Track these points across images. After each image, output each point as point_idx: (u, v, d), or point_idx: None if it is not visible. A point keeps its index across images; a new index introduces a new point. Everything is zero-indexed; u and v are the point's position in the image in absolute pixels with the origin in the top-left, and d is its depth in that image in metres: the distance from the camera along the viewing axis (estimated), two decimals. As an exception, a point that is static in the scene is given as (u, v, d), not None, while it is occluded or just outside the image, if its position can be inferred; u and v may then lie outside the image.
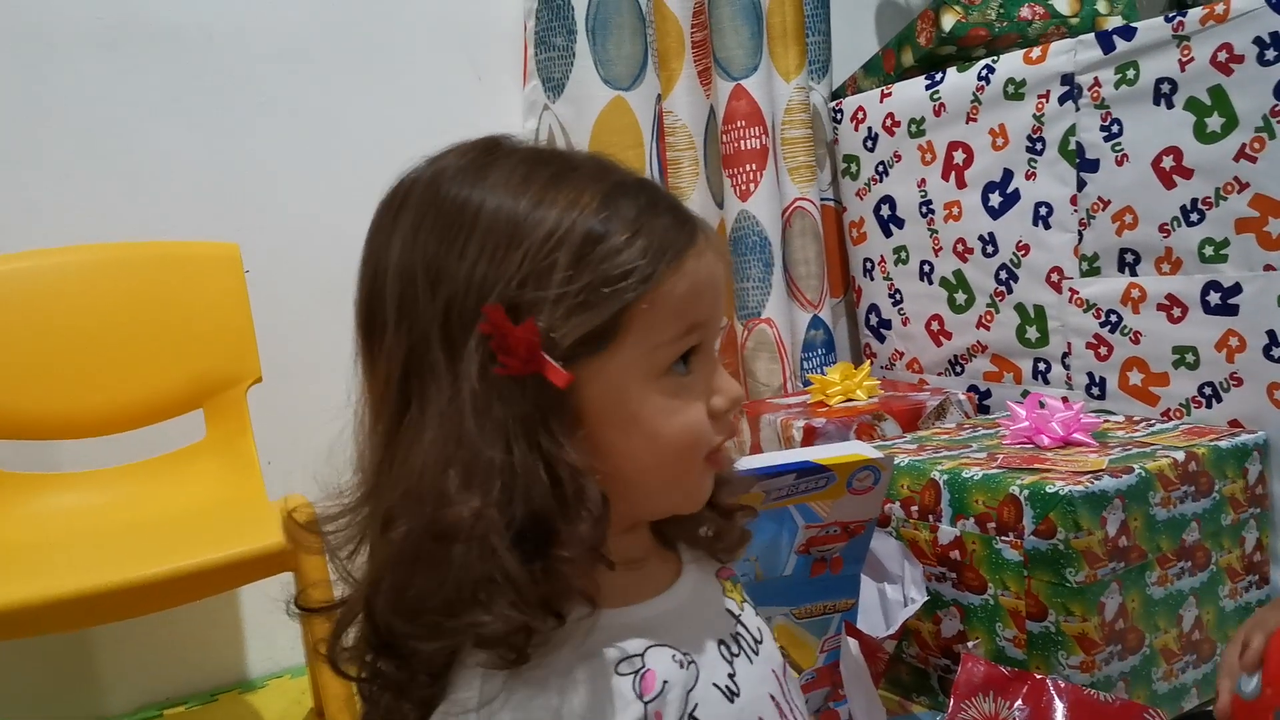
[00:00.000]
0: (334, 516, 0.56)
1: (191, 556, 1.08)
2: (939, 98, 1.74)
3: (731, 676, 0.59)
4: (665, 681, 0.54)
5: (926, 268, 1.84)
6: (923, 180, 1.81)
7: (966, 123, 1.70)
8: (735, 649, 0.61)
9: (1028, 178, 1.62)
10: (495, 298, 0.51)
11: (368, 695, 0.57)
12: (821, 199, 2.03)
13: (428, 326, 0.52)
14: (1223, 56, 1.33)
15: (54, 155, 1.51)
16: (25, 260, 1.40)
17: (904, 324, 1.92)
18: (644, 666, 0.54)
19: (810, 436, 1.55)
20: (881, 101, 1.87)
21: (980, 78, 1.66)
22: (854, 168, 1.96)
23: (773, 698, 0.61)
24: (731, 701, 0.58)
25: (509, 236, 0.52)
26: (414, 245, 0.54)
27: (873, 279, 1.98)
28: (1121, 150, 1.48)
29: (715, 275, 0.57)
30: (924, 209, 1.82)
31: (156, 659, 1.59)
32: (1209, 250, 1.39)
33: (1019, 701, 1.10)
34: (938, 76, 1.75)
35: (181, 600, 1.15)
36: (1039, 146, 1.60)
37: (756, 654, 0.62)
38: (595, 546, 0.52)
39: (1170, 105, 1.41)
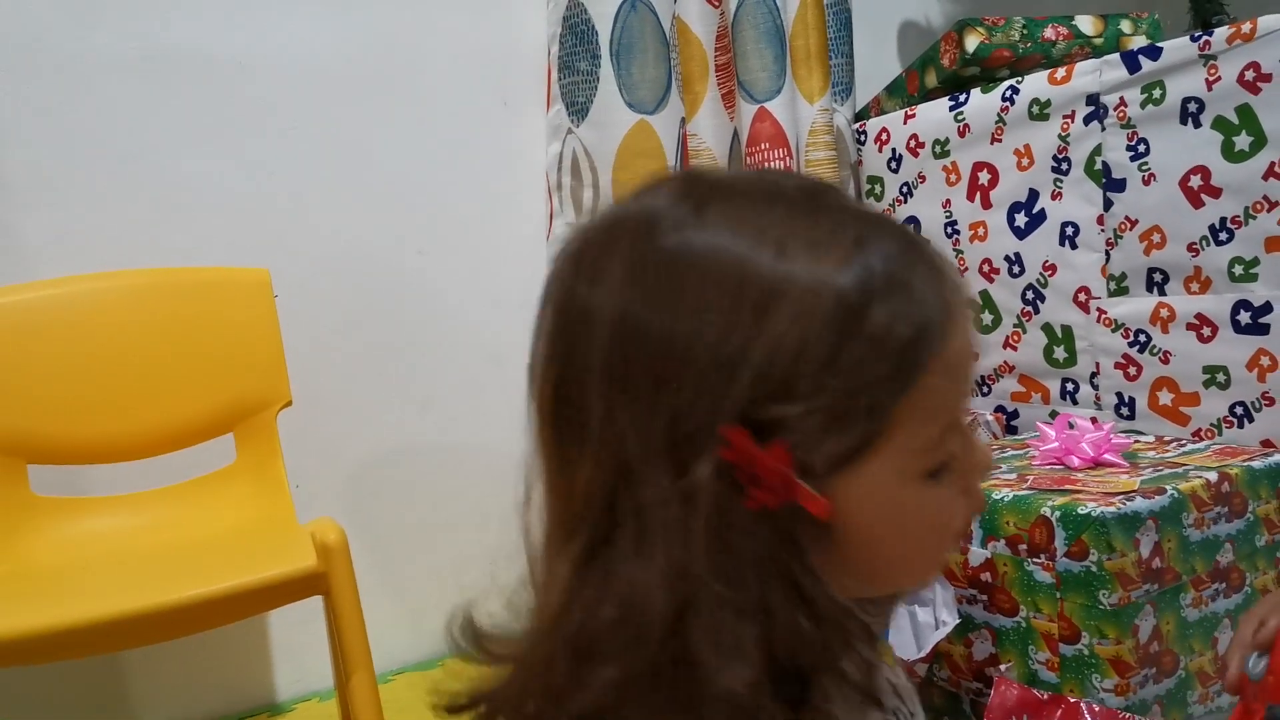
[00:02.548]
0: (507, 653, 0.49)
1: (223, 580, 1.08)
2: (963, 118, 1.74)
3: None
4: None
5: (952, 288, 1.84)
6: (947, 201, 1.81)
7: (991, 143, 1.70)
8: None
9: (1054, 198, 1.62)
10: (735, 414, 0.42)
11: None
12: (845, 220, 2.03)
13: (648, 437, 0.43)
14: (1250, 75, 1.33)
15: (87, 182, 1.53)
16: (58, 287, 1.42)
17: (930, 345, 1.92)
18: None
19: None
20: (905, 123, 1.87)
21: (1004, 98, 1.66)
22: (878, 189, 1.96)
23: None
24: None
25: (746, 331, 0.43)
26: (625, 329, 0.44)
27: (898, 300, 1.97)
28: (1148, 169, 1.47)
29: (971, 340, 0.48)
30: (949, 230, 1.82)
31: (186, 682, 1.60)
32: (1239, 269, 1.39)
33: (1053, 725, 1.09)
34: (961, 97, 1.75)
35: (213, 624, 1.16)
36: (1064, 166, 1.59)
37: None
38: (870, 676, 0.45)
39: (1198, 124, 1.40)
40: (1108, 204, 1.54)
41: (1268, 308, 1.36)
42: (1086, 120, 1.55)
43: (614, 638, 0.43)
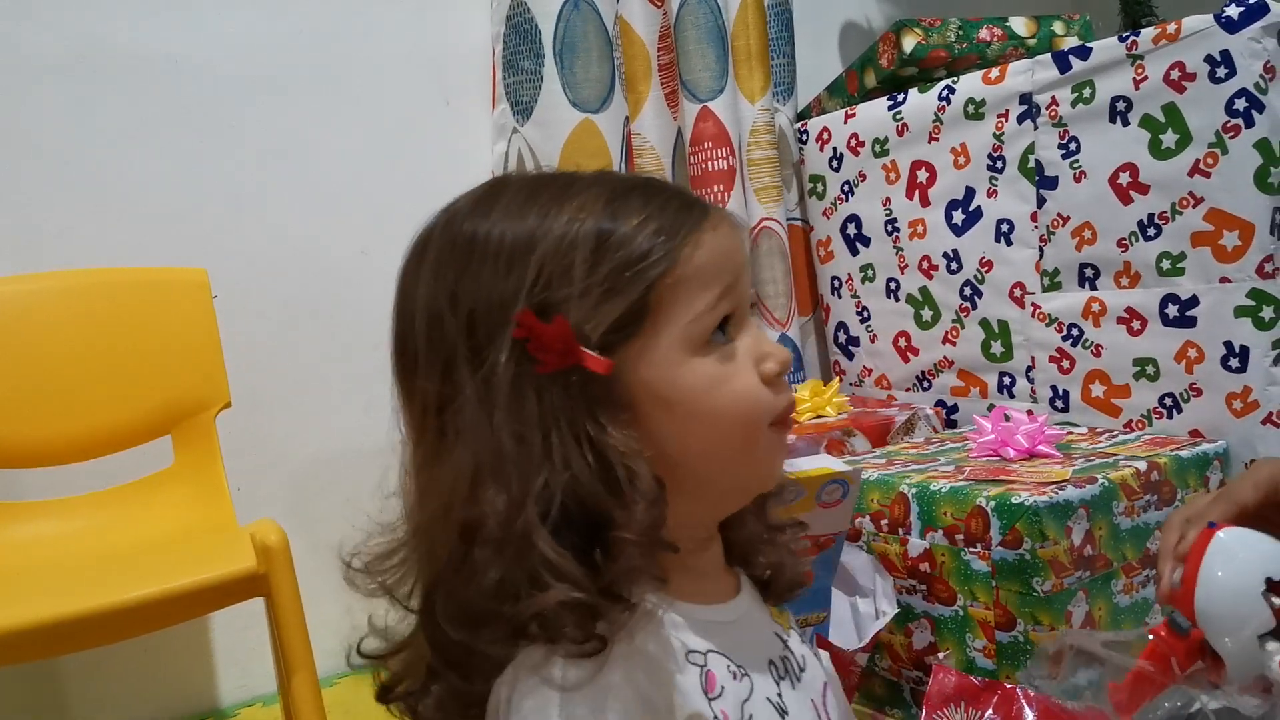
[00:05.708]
0: (386, 554, 0.58)
1: (160, 582, 1.07)
2: (901, 118, 1.77)
3: (779, 695, 0.59)
4: (723, 686, 0.55)
5: (893, 285, 1.86)
6: (887, 199, 1.84)
7: (929, 142, 1.73)
8: (782, 671, 0.61)
9: (989, 195, 1.65)
10: (522, 304, 0.52)
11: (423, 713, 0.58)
12: (788, 219, 2.05)
13: (453, 350, 0.53)
14: (1175, 75, 1.37)
15: (22, 183, 1.50)
16: (-9, 288, 1.39)
17: (872, 341, 1.94)
18: (706, 665, 0.55)
19: (780, 453, 1.56)
20: (845, 122, 1.90)
21: (941, 98, 1.69)
22: (820, 188, 1.99)
23: None
24: (781, 719, 0.58)
25: (524, 248, 0.53)
26: (436, 281, 0.55)
27: (840, 297, 2.00)
28: (1079, 167, 1.51)
29: (735, 244, 0.58)
30: (889, 227, 1.84)
31: (128, 688, 1.57)
32: (1166, 264, 1.42)
33: (989, 711, 1.11)
34: (900, 97, 1.78)
35: (151, 627, 1.14)
36: (999, 165, 1.62)
37: (799, 681, 0.62)
38: (654, 528, 0.52)
39: (1126, 123, 1.44)
40: (1040, 201, 1.57)
41: (1194, 301, 1.40)
42: (1020, 119, 1.58)
43: (441, 512, 0.53)
